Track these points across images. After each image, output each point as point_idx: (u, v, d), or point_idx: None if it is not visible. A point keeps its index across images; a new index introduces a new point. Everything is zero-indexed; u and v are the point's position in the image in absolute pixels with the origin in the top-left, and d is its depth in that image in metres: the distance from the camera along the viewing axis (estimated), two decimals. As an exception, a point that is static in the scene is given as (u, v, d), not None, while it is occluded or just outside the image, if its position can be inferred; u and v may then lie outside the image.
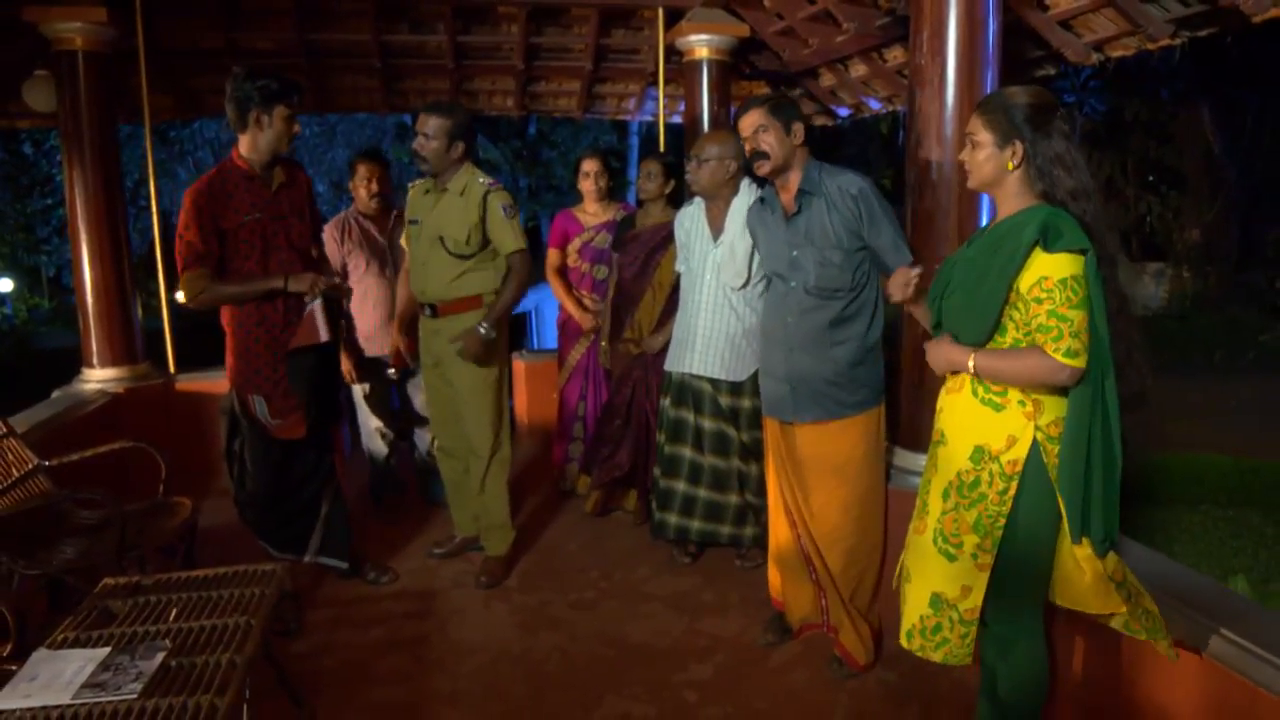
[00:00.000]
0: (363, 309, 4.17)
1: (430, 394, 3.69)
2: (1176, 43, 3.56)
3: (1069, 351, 1.88)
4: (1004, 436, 2.00)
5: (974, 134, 2.04)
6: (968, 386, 2.07)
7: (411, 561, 3.80)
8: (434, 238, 3.42)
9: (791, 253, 2.77)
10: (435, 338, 3.53)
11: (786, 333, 2.82)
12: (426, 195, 3.49)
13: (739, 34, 4.91)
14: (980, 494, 2.02)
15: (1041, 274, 1.88)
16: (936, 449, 2.17)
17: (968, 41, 2.71)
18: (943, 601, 2.09)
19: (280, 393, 3.16)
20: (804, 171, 2.75)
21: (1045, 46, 3.97)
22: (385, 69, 5.54)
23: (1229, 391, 11.28)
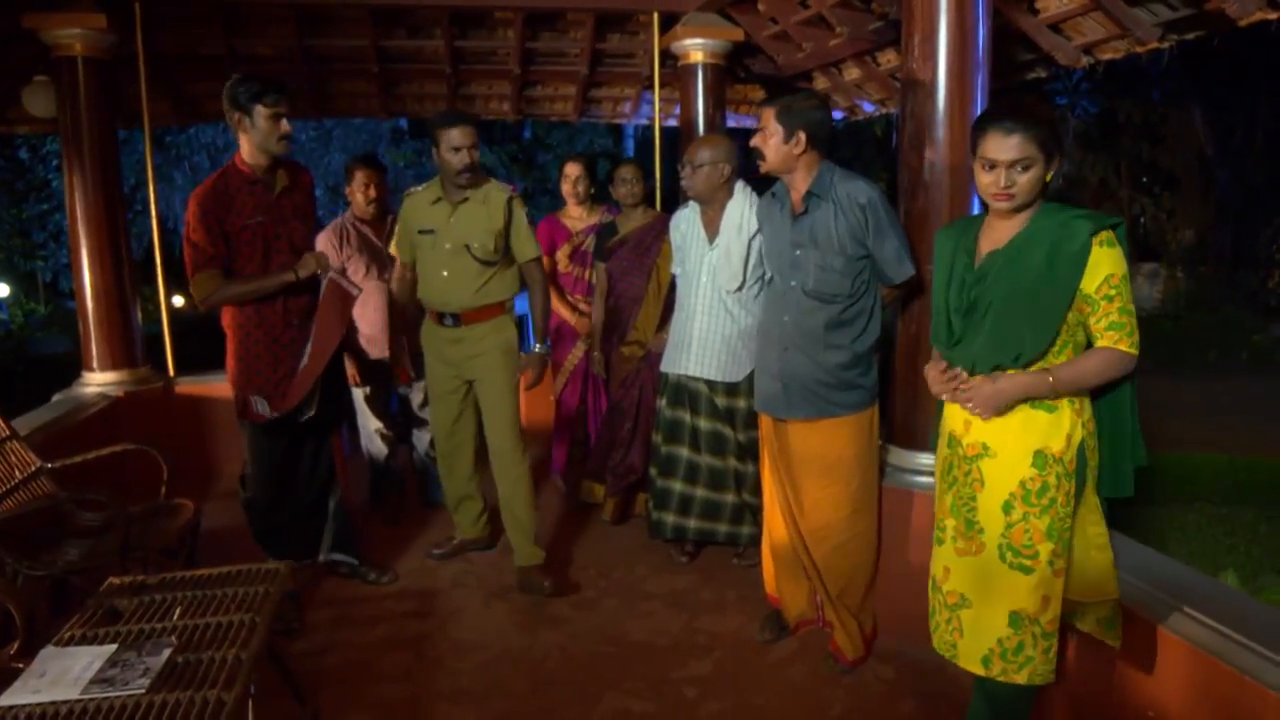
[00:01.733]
0: (363, 313, 4.18)
1: (440, 403, 3.61)
2: (1164, 46, 3.61)
3: (1135, 343, 1.94)
4: (1062, 437, 2.00)
5: (1026, 159, 1.94)
6: None
7: (412, 562, 3.83)
8: (458, 247, 3.38)
9: (794, 252, 2.80)
10: (456, 347, 3.49)
11: (782, 331, 2.86)
12: (437, 205, 3.41)
13: (733, 38, 4.94)
14: (1051, 499, 2.00)
15: (1108, 272, 1.91)
16: (976, 463, 2.09)
17: (959, 45, 2.75)
18: (1024, 618, 2.03)
19: (280, 393, 3.19)
20: (815, 174, 2.77)
21: (1036, 50, 4.02)
22: (383, 74, 5.58)
23: (1223, 390, 11.35)
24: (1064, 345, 2.01)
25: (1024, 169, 1.95)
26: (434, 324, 3.54)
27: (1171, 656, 2.08)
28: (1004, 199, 1.99)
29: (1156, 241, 18.48)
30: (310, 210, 3.38)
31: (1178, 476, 7.18)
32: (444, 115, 3.36)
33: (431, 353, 3.58)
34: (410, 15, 5.19)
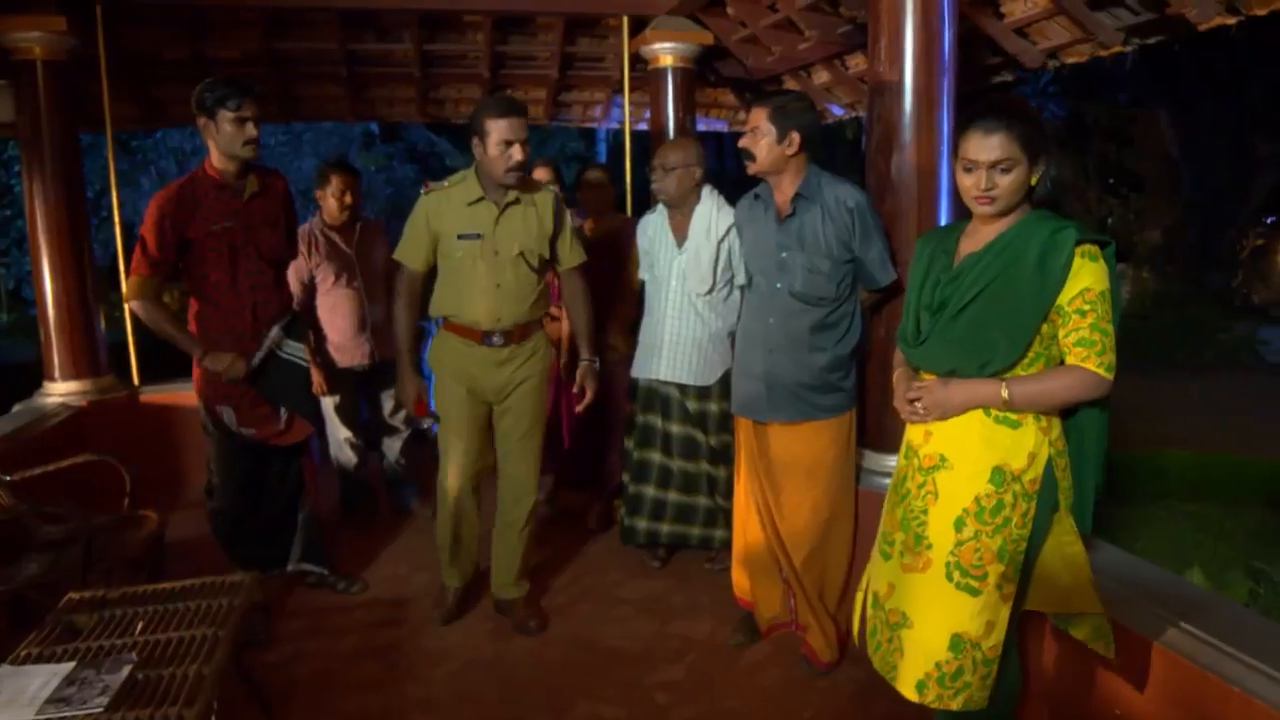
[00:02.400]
0: (332, 321, 4.15)
1: (464, 440, 3.15)
2: (1127, 50, 3.65)
3: (1109, 366, 1.83)
4: (1025, 455, 1.89)
5: (1009, 159, 1.86)
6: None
7: (382, 570, 3.79)
8: (511, 254, 3.02)
9: (780, 254, 2.79)
10: (500, 370, 3.10)
11: (767, 333, 2.85)
12: (478, 206, 3.00)
13: (703, 41, 4.95)
14: (1005, 518, 1.89)
15: (1084, 285, 1.81)
16: (932, 475, 1.99)
17: (925, 48, 2.76)
18: (965, 642, 1.92)
19: (248, 402, 3.15)
20: (803, 177, 2.78)
21: (1002, 53, 4.06)
22: (351, 78, 5.54)
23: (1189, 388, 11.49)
24: (1037, 358, 1.91)
25: (1005, 170, 1.86)
26: (469, 345, 3.07)
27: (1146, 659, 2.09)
28: (985, 202, 1.90)
29: (1125, 242, 18.70)
30: (281, 217, 3.31)
31: (1146, 474, 7.25)
32: (495, 103, 2.93)
33: (459, 379, 3.10)
34: (379, 19, 5.15)
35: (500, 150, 2.88)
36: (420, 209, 3.05)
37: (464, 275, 3.02)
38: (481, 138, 2.91)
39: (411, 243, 3.09)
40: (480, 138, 2.91)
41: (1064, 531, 1.95)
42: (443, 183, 3.07)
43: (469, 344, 3.07)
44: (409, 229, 3.09)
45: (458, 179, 3.05)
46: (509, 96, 2.89)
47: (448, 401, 3.14)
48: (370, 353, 4.19)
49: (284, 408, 3.27)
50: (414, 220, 3.07)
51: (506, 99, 2.98)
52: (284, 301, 3.32)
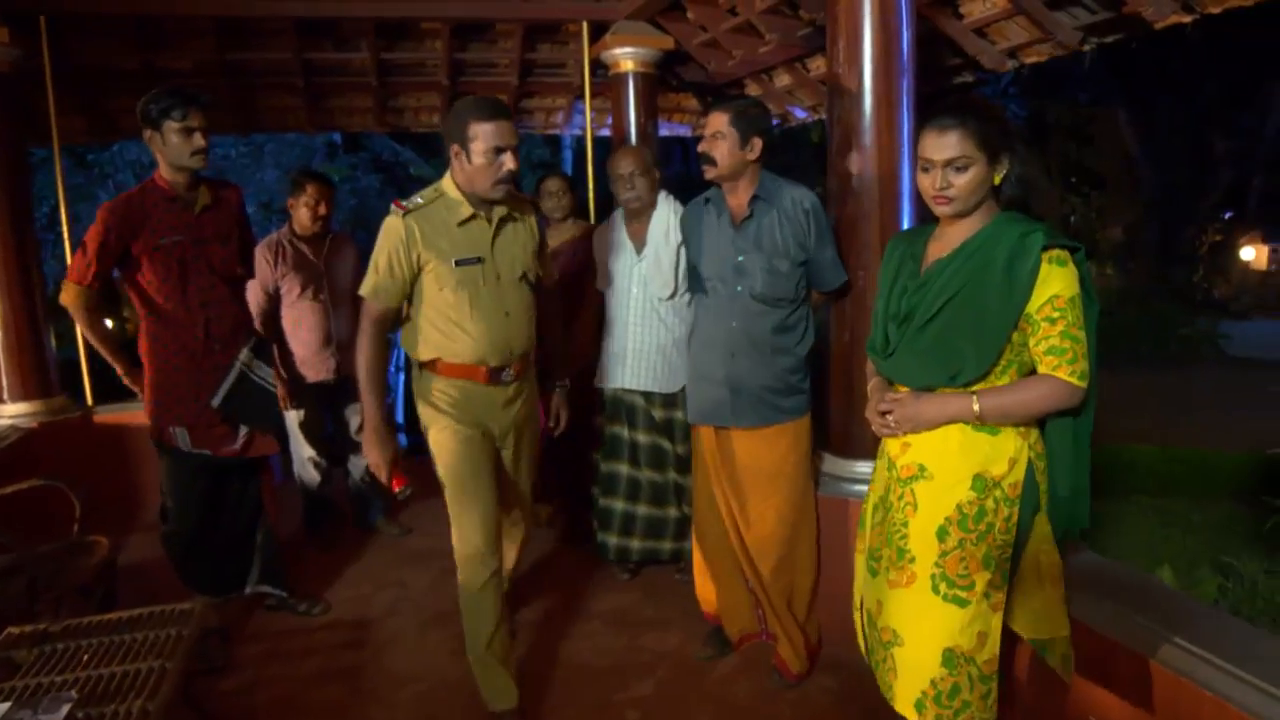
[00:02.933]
0: (296, 334, 4.05)
1: (482, 501, 2.66)
2: (1086, 49, 3.66)
3: (1082, 374, 1.78)
4: (1005, 460, 1.85)
5: (963, 156, 1.82)
6: None
7: (346, 590, 3.70)
8: (515, 277, 2.67)
9: (737, 258, 2.76)
10: (509, 410, 2.74)
11: (729, 337, 2.80)
12: (471, 225, 2.58)
13: (663, 46, 4.91)
14: (989, 524, 1.85)
15: (1054, 291, 1.76)
16: (910, 486, 1.94)
17: (883, 50, 2.74)
18: (958, 657, 1.86)
19: (203, 422, 3.06)
20: (759, 180, 2.76)
21: (962, 54, 4.05)
22: (308, 87, 5.43)
23: (1154, 382, 11.67)
24: (1009, 365, 1.86)
25: (960, 169, 1.83)
26: (477, 385, 2.65)
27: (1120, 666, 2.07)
28: (942, 202, 1.87)
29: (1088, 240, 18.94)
30: (233, 230, 3.22)
31: (1114, 469, 7.32)
32: (481, 105, 2.48)
33: (469, 423, 2.65)
34: (335, 28, 5.06)
35: (488, 159, 2.47)
36: (394, 233, 2.52)
37: (465, 307, 2.57)
38: (464, 144, 2.48)
39: (389, 276, 2.54)
40: (462, 144, 2.49)
41: (1042, 540, 1.91)
42: (416, 199, 2.57)
43: (472, 386, 2.64)
44: (383, 260, 2.54)
45: (432, 194, 2.59)
46: (495, 99, 2.51)
47: (456, 455, 2.62)
48: (336, 368, 4.10)
49: (245, 427, 3.18)
50: (389, 248, 2.53)
51: (493, 100, 2.53)
52: (239, 318, 3.22)
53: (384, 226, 2.55)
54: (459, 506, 2.66)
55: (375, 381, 2.63)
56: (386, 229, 2.55)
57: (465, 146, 2.49)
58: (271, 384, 3.26)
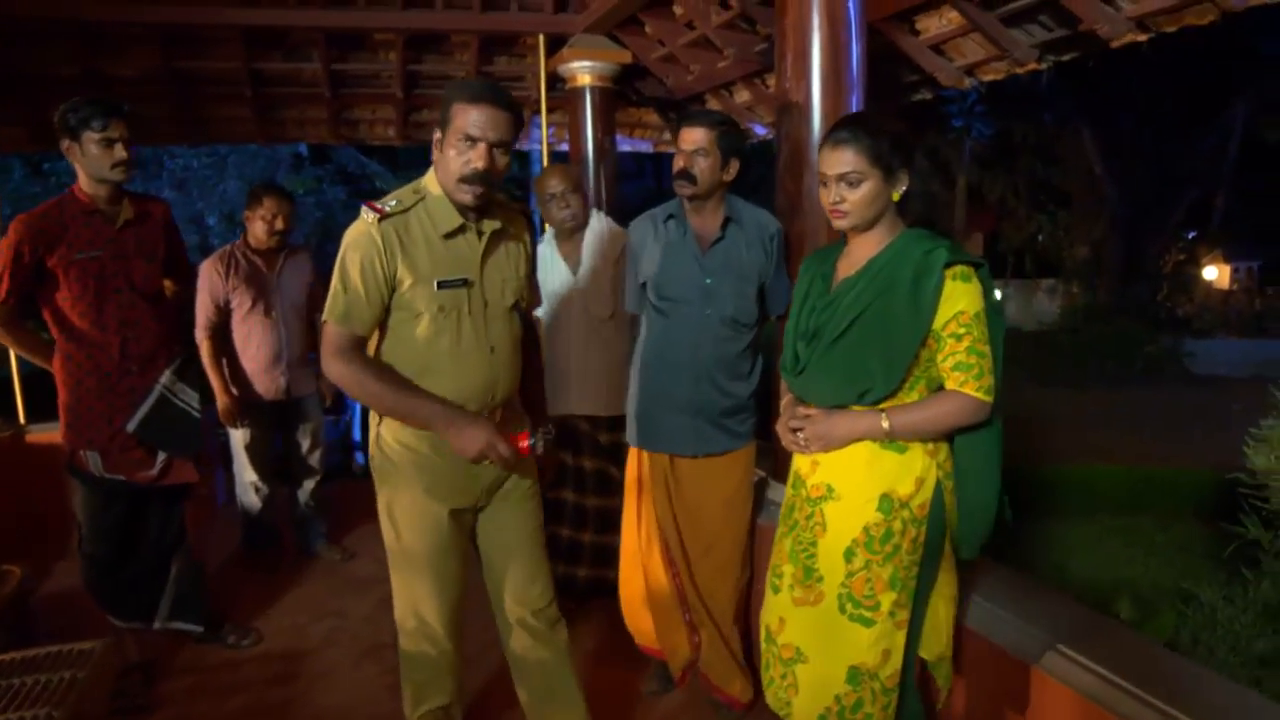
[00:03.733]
0: (246, 350, 3.92)
1: (444, 565, 2.24)
2: (1042, 67, 3.62)
3: (989, 389, 1.81)
4: (912, 480, 1.87)
5: (854, 171, 1.84)
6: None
7: (281, 620, 3.55)
8: (506, 305, 2.21)
9: (705, 279, 2.65)
10: (488, 465, 2.19)
11: (696, 361, 2.68)
12: (460, 238, 2.11)
13: (621, 60, 4.84)
14: (894, 545, 1.87)
15: (958, 308, 1.79)
16: (819, 506, 1.95)
17: (832, 65, 2.66)
18: (863, 674, 1.89)
19: (118, 446, 2.91)
20: (726, 201, 2.67)
21: (919, 71, 4.00)
22: (258, 98, 5.30)
23: (1119, 400, 11.71)
24: (916, 383, 1.88)
25: (852, 184, 1.85)
26: (444, 439, 2.13)
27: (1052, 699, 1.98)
28: (838, 216, 1.89)
29: (1054, 258, 19.14)
30: (160, 247, 3.07)
31: (1078, 488, 7.29)
32: (468, 85, 2.03)
33: (434, 494, 2.19)
34: (285, 37, 4.93)
35: (459, 149, 1.99)
36: (367, 243, 2.01)
37: (443, 340, 2.09)
38: (443, 130, 2.04)
39: (361, 296, 2.03)
40: (443, 130, 2.04)
41: (948, 559, 1.96)
42: (390, 201, 2.07)
43: (440, 439, 2.12)
44: (354, 274, 2.02)
45: (411, 197, 2.08)
46: (493, 83, 2.05)
47: (414, 529, 2.19)
48: (285, 388, 3.97)
49: (164, 452, 3.03)
50: (360, 260, 2.01)
51: (487, 84, 2.04)
52: (162, 338, 3.05)
53: (352, 234, 2.04)
54: (407, 581, 2.23)
55: (403, 394, 2.07)
56: (356, 237, 2.03)
57: (444, 132, 2.03)
58: (196, 408, 3.10)
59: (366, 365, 2.07)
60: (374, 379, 2.05)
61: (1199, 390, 12.59)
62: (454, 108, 2.00)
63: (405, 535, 2.20)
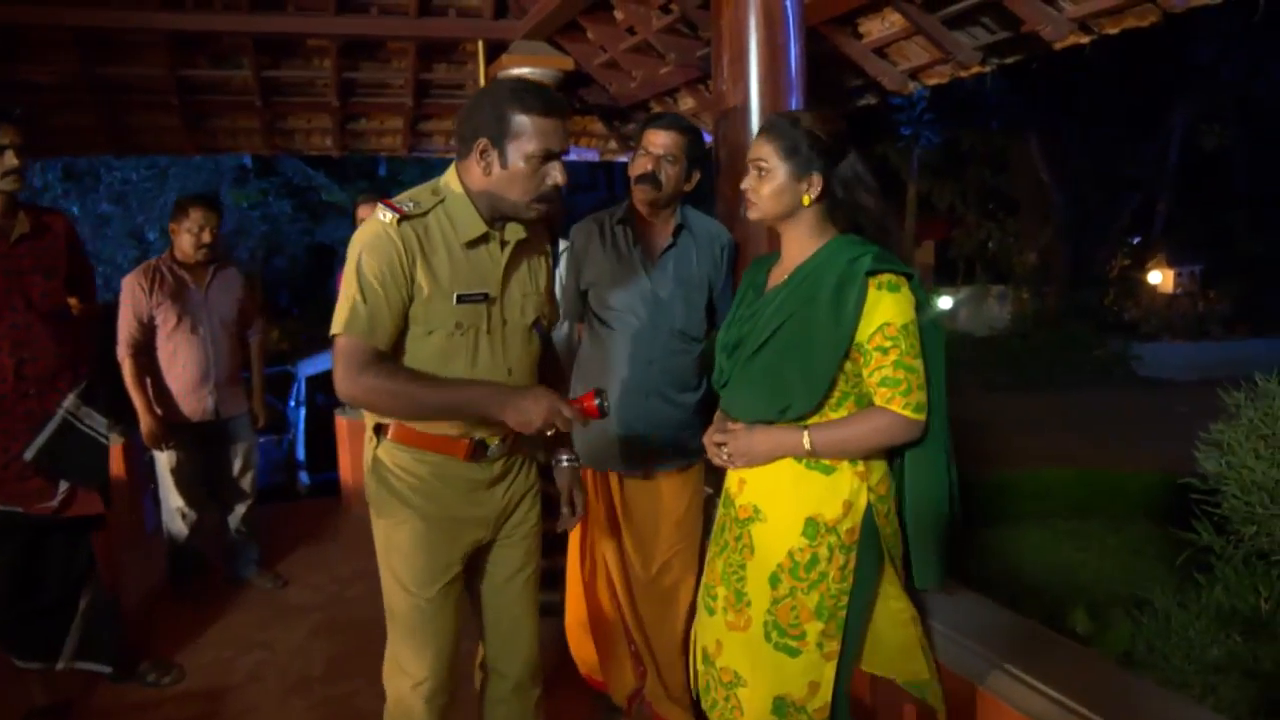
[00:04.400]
0: (171, 369, 3.72)
1: (447, 608, 1.99)
2: (986, 70, 3.58)
3: (918, 406, 1.70)
4: (839, 504, 1.75)
5: (763, 160, 1.77)
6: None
7: (205, 654, 3.36)
8: (526, 324, 2.00)
9: (656, 291, 2.52)
10: (494, 492, 2.02)
11: (647, 376, 2.55)
12: (483, 248, 1.91)
13: (563, 67, 4.74)
14: (820, 573, 1.74)
15: (884, 320, 1.68)
16: (747, 528, 1.83)
17: (770, 67, 2.58)
18: (789, 705, 1.77)
19: (13, 475, 2.69)
20: (678, 209, 2.56)
21: (864, 75, 3.94)
22: (186, 106, 5.10)
23: (1068, 404, 11.82)
24: (845, 398, 1.77)
25: (761, 173, 1.79)
26: (452, 462, 1.94)
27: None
28: (748, 205, 1.84)
29: (1004, 265, 19.39)
30: (59, 262, 2.85)
31: (1030, 493, 7.29)
32: (529, 93, 1.82)
33: (435, 524, 1.95)
34: (212, 43, 4.75)
35: (533, 166, 1.81)
36: (386, 245, 1.79)
37: (458, 360, 1.89)
38: (499, 141, 1.81)
39: (382, 304, 1.79)
40: (495, 140, 1.81)
41: (888, 583, 1.84)
42: (407, 202, 1.86)
43: (445, 462, 1.93)
44: (373, 281, 1.79)
45: (430, 198, 1.88)
46: (545, 87, 1.91)
47: (414, 562, 1.94)
48: (213, 408, 3.78)
49: (66, 482, 2.83)
50: (379, 265, 1.79)
51: (545, 90, 1.87)
52: (65, 360, 2.84)
53: (366, 236, 1.81)
54: (405, 634, 1.96)
55: (445, 388, 1.83)
56: (372, 239, 1.80)
57: (501, 145, 1.81)
58: (104, 434, 2.89)
59: (395, 372, 1.83)
60: (410, 382, 1.81)
61: (1146, 393, 12.77)
62: (519, 120, 1.79)
63: (399, 563, 1.95)
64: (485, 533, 2.03)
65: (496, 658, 2.14)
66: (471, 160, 1.85)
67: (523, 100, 1.80)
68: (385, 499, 1.95)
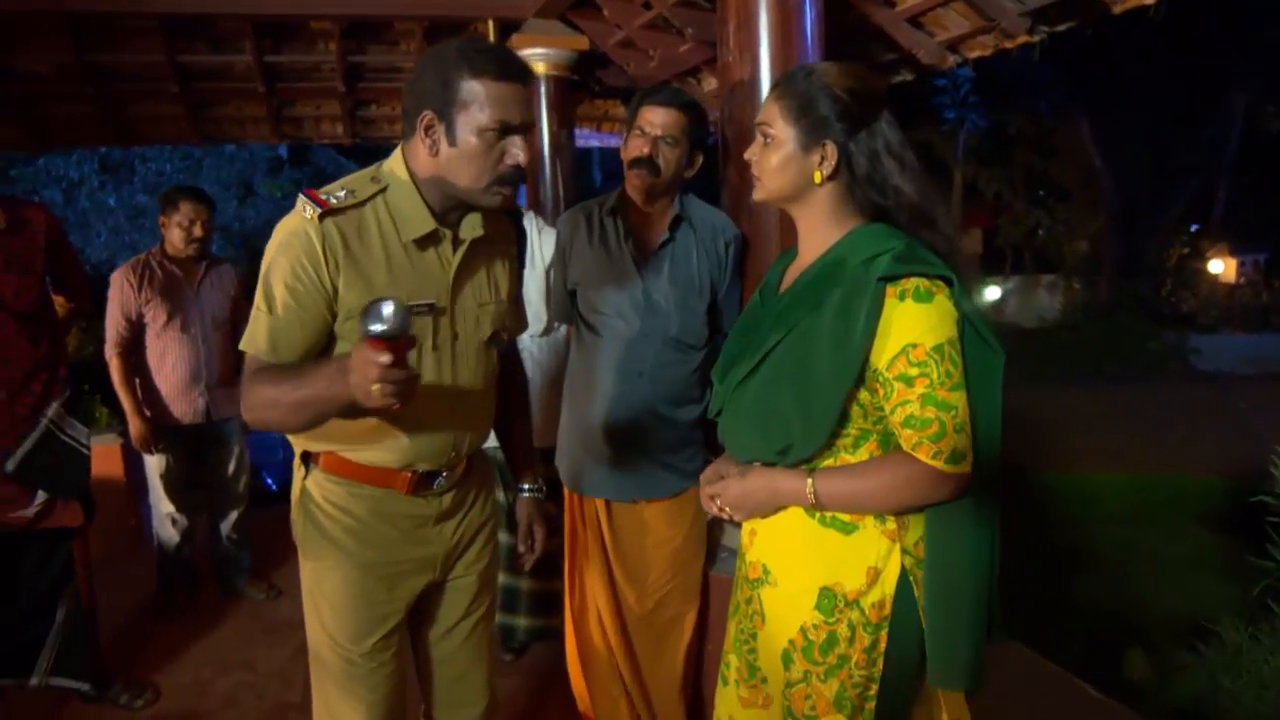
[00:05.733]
0: (161, 369, 3.54)
1: (384, 665, 1.71)
2: (1035, 39, 3.22)
3: (954, 455, 1.29)
4: (863, 571, 1.38)
5: (768, 125, 1.43)
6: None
7: (183, 674, 3.16)
8: (482, 337, 1.69)
9: (649, 292, 2.22)
10: (444, 529, 1.74)
11: (637, 389, 2.25)
12: (434, 249, 1.61)
13: (577, 47, 4.46)
14: (840, 656, 1.38)
15: (907, 340, 1.29)
16: (758, 591, 1.49)
17: (781, 33, 2.26)
18: None
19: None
20: (677, 199, 2.27)
21: (897, 48, 3.60)
22: (187, 94, 4.90)
23: (1122, 399, 11.34)
24: (863, 439, 1.38)
25: (766, 141, 1.45)
26: (393, 496, 1.66)
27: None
28: (755, 183, 1.50)
29: (1054, 253, 18.77)
30: (36, 259, 2.74)
31: (1081, 499, 6.95)
32: (480, 53, 1.49)
33: (370, 570, 1.67)
34: (210, 27, 4.54)
35: (487, 142, 1.49)
36: (301, 245, 1.49)
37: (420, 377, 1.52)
38: (445, 112, 1.50)
39: (293, 316, 1.50)
40: (441, 112, 1.50)
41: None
42: (339, 191, 1.55)
43: (385, 497, 1.66)
44: (279, 289, 1.50)
45: (368, 187, 1.56)
46: (504, 49, 1.56)
47: (341, 617, 1.67)
48: (204, 410, 3.59)
49: (44, 492, 2.64)
50: (289, 269, 1.49)
51: (500, 51, 1.54)
52: (41, 363, 2.72)
53: (281, 233, 1.52)
54: (336, 687, 1.69)
55: (302, 379, 1.43)
56: (287, 237, 1.50)
57: (448, 117, 1.50)
58: (85, 444, 2.73)
59: (260, 375, 1.49)
60: (270, 384, 1.46)
61: (1204, 388, 12.23)
62: (469, 86, 1.47)
63: (327, 613, 1.67)
64: (432, 575, 1.75)
65: (441, 713, 1.86)
66: (417, 139, 1.54)
67: (472, 62, 1.47)
68: (313, 539, 1.67)
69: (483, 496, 1.83)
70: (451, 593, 1.80)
